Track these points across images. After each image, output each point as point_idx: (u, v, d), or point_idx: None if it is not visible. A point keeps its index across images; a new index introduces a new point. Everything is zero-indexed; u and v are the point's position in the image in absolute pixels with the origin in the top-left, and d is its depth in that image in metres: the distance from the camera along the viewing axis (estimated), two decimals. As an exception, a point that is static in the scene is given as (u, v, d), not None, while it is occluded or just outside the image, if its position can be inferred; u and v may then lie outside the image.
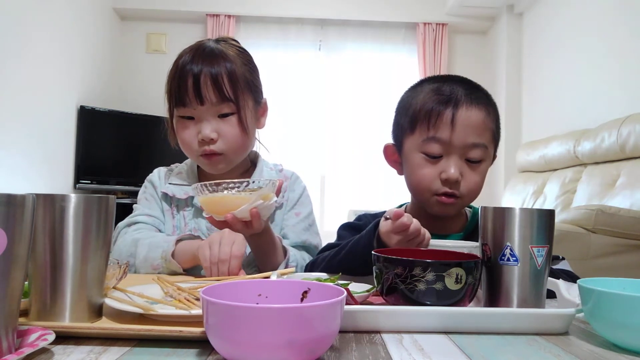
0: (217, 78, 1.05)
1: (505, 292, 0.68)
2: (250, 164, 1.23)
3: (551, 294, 0.74)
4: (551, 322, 0.63)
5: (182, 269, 0.98)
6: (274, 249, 1.03)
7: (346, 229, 1.13)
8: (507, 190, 3.53)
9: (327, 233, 1.02)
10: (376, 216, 1.02)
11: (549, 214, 0.69)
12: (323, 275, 0.86)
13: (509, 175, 3.73)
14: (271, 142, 4.44)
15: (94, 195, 0.61)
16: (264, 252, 1.02)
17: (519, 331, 0.62)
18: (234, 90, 1.06)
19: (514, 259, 0.67)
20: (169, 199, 1.15)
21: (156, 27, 4.33)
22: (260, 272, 0.86)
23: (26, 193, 0.49)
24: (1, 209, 0.46)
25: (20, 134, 3.01)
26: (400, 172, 1.08)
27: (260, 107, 1.17)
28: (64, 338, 0.55)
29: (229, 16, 4.23)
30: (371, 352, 0.54)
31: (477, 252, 0.74)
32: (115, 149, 3.95)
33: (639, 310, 0.54)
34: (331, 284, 0.61)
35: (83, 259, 0.59)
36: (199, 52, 1.07)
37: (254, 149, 1.24)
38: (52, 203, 0.59)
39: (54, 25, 3.34)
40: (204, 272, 0.93)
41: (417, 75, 4.26)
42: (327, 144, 4.35)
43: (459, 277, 0.64)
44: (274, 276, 0.77)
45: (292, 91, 4.33)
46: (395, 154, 1.08)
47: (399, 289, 0.65)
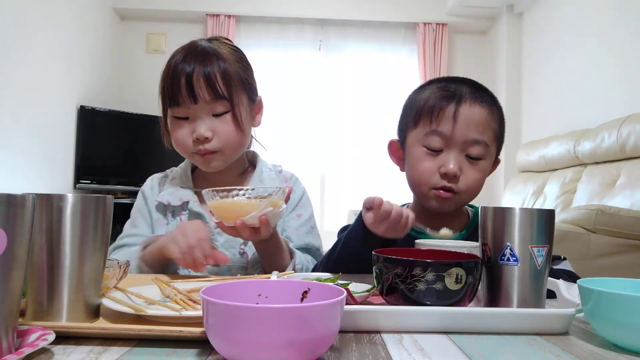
0: (210, 76, 1.04)
1: (505, 292, 0.68)
2: (249, 164, 1.22)
3: (551, 294, 0.74)
4: (551, 322, 0.63)
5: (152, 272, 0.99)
6: (281, 252, 1.02)
7: (344, 231, 1.13)
8: (507, 190, 3.53)
9: (327, 233, 1.02)
10: None
11: (549, 214, 0.69)
12: (323, 275, 0.86)
13: (509, 175, 3.73)
14: (271, 142, 4.45)
15: (92, 195, 0.61)
16: (270, 255, 1.02)
17: (519, 331, 0.62)
18: (228, 88, 1.06)
19: (514, 259, 0.67)
20: (164, 207, 1.14)
21: (156, 27, 4.33)
22: (265, 274, 0.86)
23: (26, 193, 0.49)
24: (1, 209, 0.45)
25: (20, 134, 3.01)
26: (403, 169, 1.10)
27: (255, 105, 1.16)
28: (64, 338, 0.55)
29: (229, 16, 4.23)
30: (371, 352, 0.54)
31: (477, 252, 0.74)
32: (115, 149, 3.95)
33: (639, 310, 0.54)
34: (331, 284, 0.61)
35: (80, 259, 0.59)
36: (191, 51, 1.07)
37: (251, 148, 1.24)
38: (50, 203, 0.59)
39: (54, 25, 3.34)
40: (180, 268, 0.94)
41: (417, 75, 4.26)
42: (327, 144, 4.35)
43: (459, 277, 0.64)
44: (274, 276, 0.77)
45: (292, 91, 4.33)
46: (400, 151, 1.10)
47: (399, 289, 0.65)
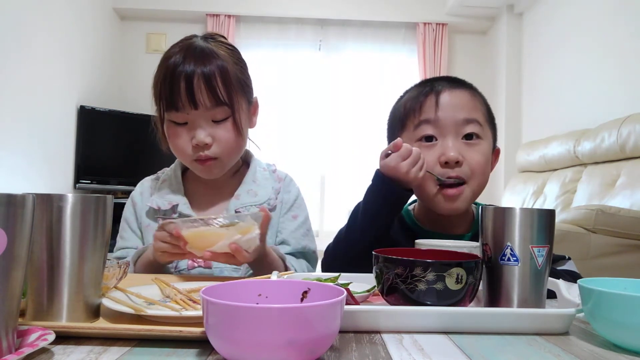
0: (211, 82, 1.01)
1: (506, 292, 0.68)
2: (242, 163, 1.20)
3: (551, 294, 0.74)
4: (551, 322, 0.63)
5: None
6: (274, 266, 0.99)
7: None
8: (507, 190, 3.53)
9: (327, 233, 1.02)
10: None
11: (549, 214, 0.69)
12: (323, 275, 0.86)
13: (509, 175, 3.73)
14: (271, 142, 4.42)
15: (91, 195, 0.61)
16: (263, 272, 0.98)
17: (519, 331, 0.62)
18: (229, 93, 1.03)
19: (515, 259, 0.67)
20: (154, 212, 1.12)
21: (156, 27, 4.33)
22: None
23: (26, 193, 0.49)
24: (1, 209, 0.45)
25: (20, 134, 3.01)
26: None
27: (252, 106, 1.14)
28: (64, 338, 0.55)
29: (229, 16, 4.23)
30: (371, 352, 0.54)
31: (478, 252, 0.74)
32: (115, 149, 3.95)
33: (639, 310, 0.54)
34: (331, 284, 0.61)
35: (80, 259, 0.59)
36: (190, 52, 1.03)
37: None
38: (50, 203, 0.58)
39: (54, 25, 3.34)
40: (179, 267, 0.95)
41: (417, 75, 4.26)
42: (327, 144, 4.34)
43: (459, 277, 0.64)
44: (274, 276, 0.77)
45: (292, 91, 4.33)
46: None
47: (399, 289, 0.65)
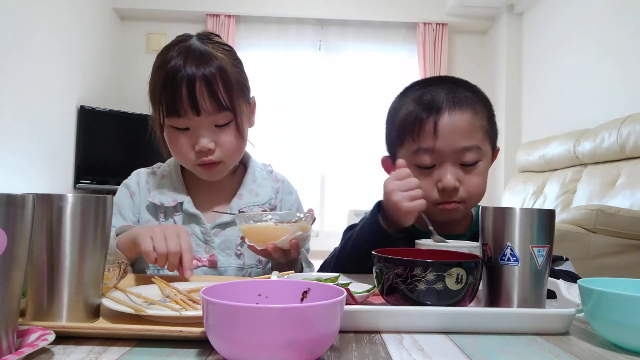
0: (213, 88, 0.99)
1: (506, 292, 0.68)
2: (239, 162, 1.19)
3: (551, 294, 0.74)
4: (551, 322, 0.63)
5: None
6: (294, 266, 1.02)
7: (351, 230, 1.12)
8: (507, 190, 3.53)
9: (327, 233, 1.03)
10: None
11: (549, 214, 0.69)
12: (323, 275, 0.86)
13: (509, 175, 3.73)
14: (271, 142, 4.42)
15: (91, 195, 0.61)
16: (285, 268, 0.99)
17: (519, 331, 0.62)
18: (230, 98, 1.02)
19: (515, 259, 0.67)
20: (155, 208, 1.10)
21: (156, 27, 4.33)
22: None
23: (26, 193, 0.49)
24: (1, 209, 0.45)
25: (20, 134, 3.01)
26: None
27: (250, 107, 1.14)
28: (64, 338, 0.55)
29: (229, 16, 4.23)
30: (371, 352, 0.54)
31: (478, 252, 0.74)
32: (115, 149, 3.95)
33: (639, 310, 0.54)
34: (331, 284, 0.61)
35: (80, 259, 0.59)
36: (190, 56, 1.01)
37: None
38: (50, 203, 0.58)
39: (54, 25, 3.34)
40: (147, 265, 0.94)
41: (417, 75, 4.26)
42: (327, 144, 4.34)
43: (459, 277, 0.64)
44: (274, 276, 0.77)
45: (292, 91, 4.33)
46: (393, 166, 1.05)
47: (399, 289, 0.65)
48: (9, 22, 2.84)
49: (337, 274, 0.82)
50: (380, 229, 0.93)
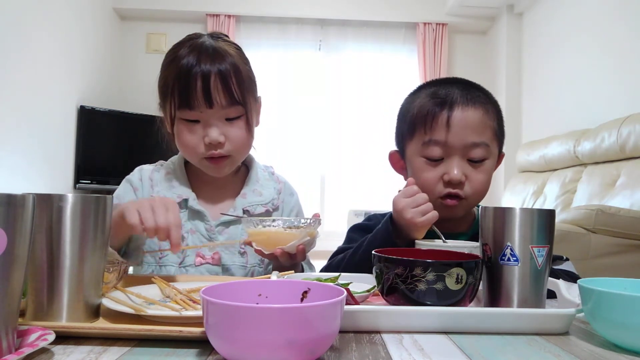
0: (227, 81, 1.02)
1: (506, 292, 0.68)
2: (241, 163, 1.19)
3: (551, 294, 0.74)
4: (551, 322, 0.63)
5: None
6: (295, 267, 1.02)
7: (356, 231, 1.13)
8: (507, 190, 3.53)
9: (327, 233, 1.03)
10: (385, 216, 1.02)
11: (549, 214, 0.69)
12: (323, 275, 0.86)
13: (509, 175, 3.73)
14: (271, 142, 4.42)
15: (91, 195, 0.61)
16: (284, 268, 1.00)
17: (519, 331, 0.62)
18: (242, 92, 1.04)
19: (515, 259, 0.67)
20: None
21: (156, 27, 4.32)
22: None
23: (26, 193, 0.49)
24: (1, 209, 0.45)
25: (20, 134, 3.01)
26: (407, 179, 1.07)
27: (257, 104, 1.15)
28: (64, 338, 0.55)
29: (229, 16, 4.23)
30: (371, 352, 0.54)
31: (478, 252, 0.74)
32: (115, 149, 3.95)
33: (639, 310, 0.54)
34: (331, 284, 0.61)
35: (80, 259, 0.59)
36: (204, 52, 1.03)
37: None
38: (50, 203, 0.59)
39: (54, 25, 3.34)
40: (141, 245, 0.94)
41: (417, 75, 4.26)
42: (327, 144, 4.34)
43: (459, 277, 0.64)
44: (274, 276, 0.77)
45: (292, 91, 4.33)
46: (401, 161, 1.09)
47: (399, 289, 0.65)
48: (9, 22, 2.84)
49: (337, 274, 0.82)
50: (391, 241, 0.95)
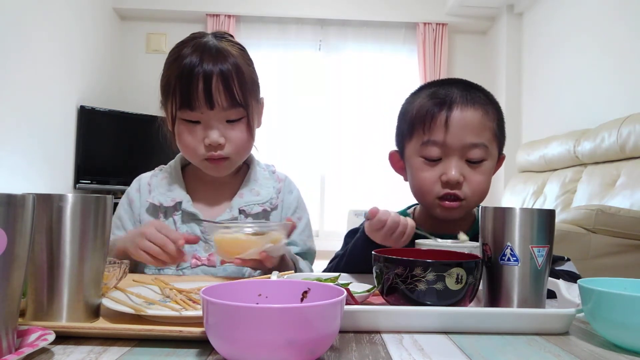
0: (229, 82, 1.01)
1: (506, 292, 0.68)
2: (243, 162, 1.19)
3: (551, 294, 0.74)
4: (551, 322, 0.63)
5: None
6: (286, 269, 1.00)
7: (352, 235, 1.12)
8: (507, 190, 3.53)
9: (327, 233, 1.02)
10: None
11: (549, 214, 0.69)
12: (323, 275, 0.86)
13: (509, 175, 3.73)
14: (271, 142, 4.42)
15: (91, 195, 0.61)
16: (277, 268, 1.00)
17: (519, 331, 0.62)
18: (244, 94, 1.04)
19: (515, 259, 0.67)
20: (155, 209, 1.10)
21: (156, 27, 4.32)
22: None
23: (26, 193, 0.49)
24: (1, 209, 0.45)
25: (20, 134, 3.01)
26: (406, 179, 1.08)
27: (260, 106, 1.15)
28: (64, 338, 0.55)
29: (229, 16, 4.23)
30: (371, 352, 0.54)
31: (478, 252, 0.74)
32: (115, 149, 3.95)
33: (639, 310, 0.54)
34: (331, 284, 0.61)
35: (80, 259, 0.59)
36: (207, 52, 1.02)
37: None
38: (50, 203, 0.58)
39: (54, 25, 3.34)
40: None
41: (417, 75, 4.26)
42: (327, 144, 4.34)
43: (459, 277, 0.64)
44: (274, 276, 0.77)
45: (292, 91, 4.33)
46: (400, 161, 1.09)
47: (399, 289, 0.65)
48: (9, 22, 2.84)
49: (337, 274, 0.82)
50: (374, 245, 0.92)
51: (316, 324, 0.47)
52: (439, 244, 0.84)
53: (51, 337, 0.50)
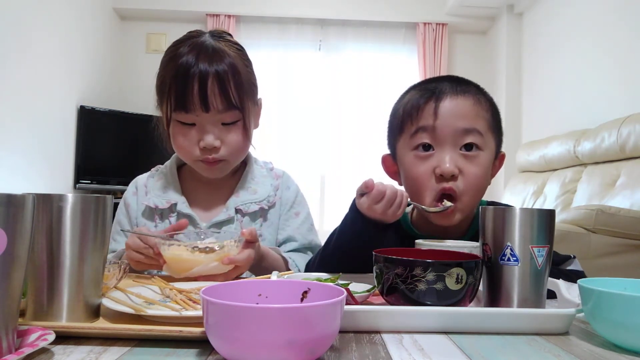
0: (225, 85, 0.99)
1: (506, 292, 0.68)
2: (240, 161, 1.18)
3: (551, 294, 0.74)
4: (551, 322, 0.63)
5: None
6: (274, 267, 0.99)
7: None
8: (507, 190, 3.53)
9: (327, 233, 1.01)
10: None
11: (549, 214, 0.69)
12: (323, 275, 0.86)
13: (509, 175, 3.73)
14: (271, 142, 4.41)
15: (91, 195, 0.61)
16: (263, 272, 0.97)
17: (519, 331, 0.62)
18: (240, 97, 1.02)
19: (515, 259, 0.67)
20: (151, 211, 1.10)
21: (156, 27, 4.33)
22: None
23: (26, 193, 0.49)
24: (1, 209, 0.45)
25: (20, 134, 3.01)
26: (401, 183, 1.04)
27: (257, 107, 1.13)
28: (64, 338, 0.55)
29: (229, 16, 4.23)
30: (371, 352, 0.54)
31: (478, 252, 0.74)
32: (115, 149, 3.96)
33: (639, 310, 0.54)
34: (331, 284, 0.61)
35: (80, 259, 0.59)
36: (203, 53, 1.00)
37: None
38: (50, 203, 0.58)
39: (54, 25, 3.34)
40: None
41: (417, 75, 4.26)
42: (327, 144, 4.35)
43: (459, 277, 0.63)
44: (274, 276, 0.77)
45: (292, 91, 4.34)
46: (394, 165, 1.05)
47: (399, 289, 0.65)
48: (9, 22, 2.84)
49: (337, 274, 0.82)
50: (366, 228, 0.90)
51: (316, 324, 0.47)
52: (439, 244, 0.84)
53: (51, 337, 0.50)
